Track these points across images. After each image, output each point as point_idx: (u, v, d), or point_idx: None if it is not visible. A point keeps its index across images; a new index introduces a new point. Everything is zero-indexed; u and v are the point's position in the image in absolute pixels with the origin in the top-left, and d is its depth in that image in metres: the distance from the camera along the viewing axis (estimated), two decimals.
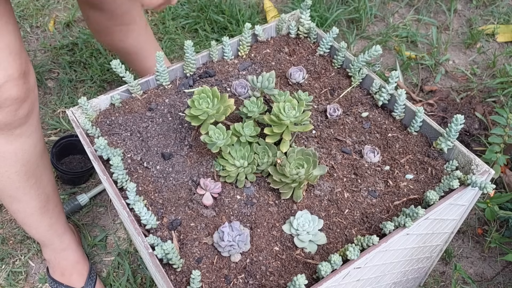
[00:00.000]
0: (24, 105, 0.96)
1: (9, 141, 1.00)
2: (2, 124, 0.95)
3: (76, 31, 2.14)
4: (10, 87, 0.91)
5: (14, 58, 0.91)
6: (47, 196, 1.17)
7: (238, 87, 1.05)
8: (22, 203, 1.12)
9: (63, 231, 1.29)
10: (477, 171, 0.89)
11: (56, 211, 1.23)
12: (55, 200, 1.22)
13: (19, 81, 0.93)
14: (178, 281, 0.80)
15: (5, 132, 0.98)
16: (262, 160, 0.91)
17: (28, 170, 1.07)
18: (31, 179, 1.09)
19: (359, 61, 1.06)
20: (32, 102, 0.99)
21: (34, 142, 1.06)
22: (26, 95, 0.96)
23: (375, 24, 2.14)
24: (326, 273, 0.75)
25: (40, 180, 1.13)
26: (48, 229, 1.24)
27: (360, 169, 0.94)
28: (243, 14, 2.09)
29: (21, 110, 0.96)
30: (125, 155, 0.97)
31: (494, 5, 2.17)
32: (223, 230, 0.82)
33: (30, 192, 1.11)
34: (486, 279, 1.36)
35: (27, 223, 1.20)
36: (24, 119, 0.99)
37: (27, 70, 0.96)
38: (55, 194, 1.21)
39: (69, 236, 1.32)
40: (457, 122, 0.89)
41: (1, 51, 0.89)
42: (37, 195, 1.13)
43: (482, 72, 1.91)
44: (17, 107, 0.95)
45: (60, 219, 1.27)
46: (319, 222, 0.86)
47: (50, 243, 1.28)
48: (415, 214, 0.80)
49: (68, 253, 1.32)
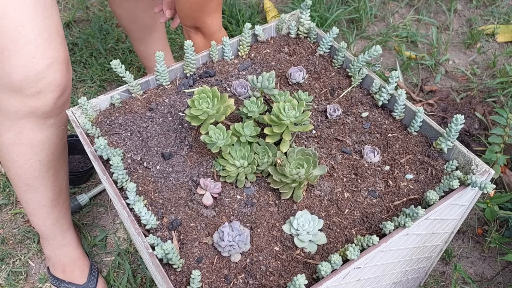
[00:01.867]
0: (64, 94, 0.97)
1: (41, 130, 1.01)
2: (40, 112, 0.95)
3: (76, 31, 2.14)
4: (56, 71, 0.91)
5: (61, 41, 0.92)
6: (60, 190, 1.19)
7: (238, 87, 1.05)
8: (37, 193, 1.14)
9: (67, 228, 1.30)
10: (477, 171, 0.89)
11: (65, 206, 1.25)
12: (66, 195, 1.23)
13: (63, 66, 0.93)
14: (178, 281, 0.80)
15: (40, 120, 0.98)
16: (262, 160, 0.91)
17: (51, 160, 1.09)
18: (50, 170, 1.11)
19: (359, 61, 1.06)
20: (69, 94, 1.01)
21: (62, 134, 1.07)
22: (67, 83, 0.96)
23: (375, 24, 2.14)
24: (326, 273, 0.75)
25: (58, 173, 1.14)
26: (55, 223, 1.25)
27: (360, 169, 0.94)
28: (243, 14, 2.09)
29: (60, 99, 0.97)
30: (125, 155, 0.97)
31: (494, 5, 2.17)
32: (223, 230, 0.82)
33: (47, 183, 1.12)
34: (486, 279, 1.36)
35: (36, 214, 1.20)
36: (60, 109, 0.99)
37: (68, 58, 0.96)
38: (67, 189, 1.23)
39: (72, 233, 1.33)
40: (457, 122, 0.89)
41: (52, 31, 0.89)
42: (53, 187, 1.15)
43: (482, 72, 1.91)
44: (58, 94, 0.95)
45: (67, 215, 1.28)
46: (319, 222, 0.86)
47: (53, 237, 1.29)
48: (415, 214, 0.80)
49: (68, 249, 1.33)
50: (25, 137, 1.01)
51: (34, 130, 1.00)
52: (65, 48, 0.94)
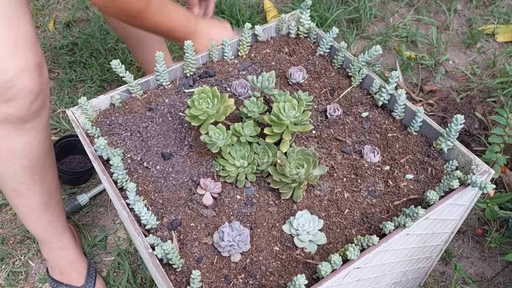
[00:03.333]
0: (38, 99, 0.96)
1: (19, 135, 1.00)
2: (14, 117, 0.95)
3: (76, 31, 2.14)
4: (26, 78, 0.91)
5: (30, 48, 0.91)
6: (50, 193, 1.17)
7: (238, 87, 1.05)
8: (26, 198, 1.13)
9: (62, 230, 1.29)
10: (477, 171, 0.89)
11: (57, 209, 1.24)
12: (57, 198, 1.22)
13: (35, 72, 0.92)
14: (178, 281, 0.80)
15: (16, 125, 0.97)
16: (262, 160, 0.91)
17: (34, 165, 1.07)
18: (36, 174, 1.09)
19: (359, 61, 1.06)
20: (45, 97, 0.99)
21: (43, 138, 1.06)
22: (40, 88, 0.95)
23: (375, 24, 2.14)
24: (326, 273, 0.75)
25: (45, 177, 1.13)
26: (48, 227, 1.24)
27: (360, 169, 0.94)
28: (243, 14, 2.09)
29: (34, 103, 0.96)
30: (125, 155, 0.97)
31: (494, 5, 2.17)
32: (223, 230, 0.82)
33: (34, 187, 1.11)
34: (486, 279, 1.36)
35: (28, 219, 1.20)
36: (36, 113, 0.98)
37: (42, 63, 0.96)
38: (57, 192, 1.22)
39: (68, 235, 1.32)
40: (457, 122, 0.89)
41: (19, 40, 0.89)
42: (41, 191, 1.14)
43: (482, 72, 1.91)
44: (31, 100, 0.94)
45: (60, 218, 1.27)
46: (319, 222, 0.86)
47: (48, 240, 1.28)
48: (415, 214, 0.80)
49: (65, 252, 1.32)
50: (3, 144, 0.99)
51: (12, 135, 0.99)
52: (36, 54, 0.93)
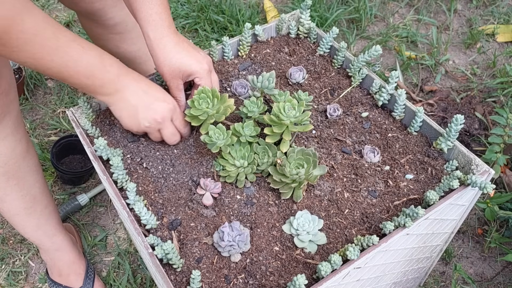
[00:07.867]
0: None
1: None
2: None
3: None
4: None
5: None
6: (33, 197, 1.14)
7: (238, 87, 1.05)
8: (5, 203, 1.11)
9: (53, 233, 1.26)
10: (477, 171, 0.89)
11: (46, 213, 1.21)
12: (44, 201, 1.19)
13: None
14: (178, 281, 0.80)
15: None
16: (262, 160, 0.91)
17: (7, 171, 1.05)
18: (11, 180, 1.07)
19: (359, 61, 1.06)
20: (4, 106, 0.96)
21: (12, 145, 1.02)
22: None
23: (375, 24, 2.14)
24: (326, 273, 0.75)
25: (23, 182, 1.10)
26: (36, 230, 1.22)
27: (360, 169, 0.94)
28: (243, 14, 2.09)
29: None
30: (125, 155, 0.97)
31: (494, 5, 2.17)
32: (223, 230, 0.82)
33: (11, 193, 1.09)
34: (486, 279, 1.36)
35: (13, 222, 1.18)
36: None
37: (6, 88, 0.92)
38: (44, 195, 1.18)
39: (61, 238, 1.29)
40: (457, 122, 0.89)
41: None
42: (20, 196, 1.11)
43: (482, 72, 1.91)
44: None
45: (51, 221, 1.24)
46: (319, 222, 0.86)
47: (40, 243, 1.27)
48: (415, 214, 0.80)
49: (62, 253, 1.31)
50: None
51: None
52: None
